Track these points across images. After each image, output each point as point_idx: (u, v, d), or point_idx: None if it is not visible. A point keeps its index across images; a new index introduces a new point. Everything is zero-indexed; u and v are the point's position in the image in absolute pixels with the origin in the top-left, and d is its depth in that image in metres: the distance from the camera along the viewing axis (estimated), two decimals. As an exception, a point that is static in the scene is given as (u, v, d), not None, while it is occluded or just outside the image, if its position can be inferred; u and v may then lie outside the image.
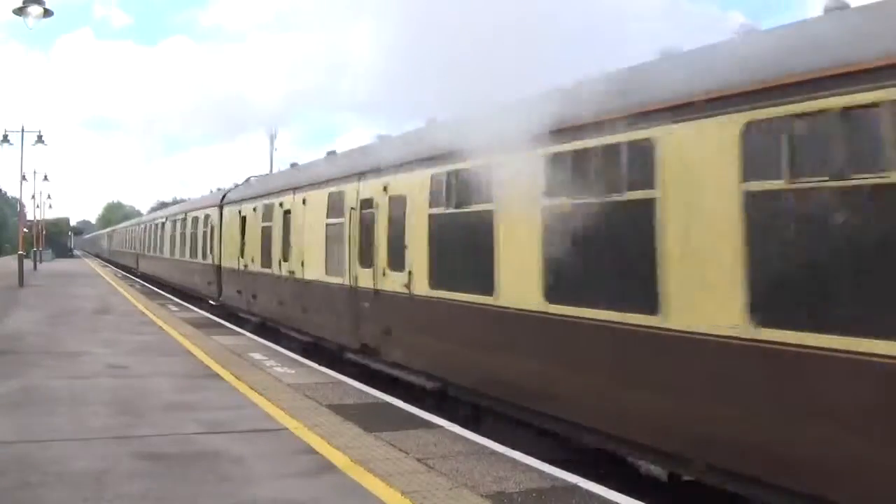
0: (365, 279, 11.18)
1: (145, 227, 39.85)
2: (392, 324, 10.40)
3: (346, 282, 11.85)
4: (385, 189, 10.67)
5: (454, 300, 8.80)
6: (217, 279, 21.31)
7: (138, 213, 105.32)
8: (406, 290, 9.82)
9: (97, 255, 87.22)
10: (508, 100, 7.09)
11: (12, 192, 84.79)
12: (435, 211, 9.33)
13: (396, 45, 7.43)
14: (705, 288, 5.58)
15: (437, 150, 9.06)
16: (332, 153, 15.88)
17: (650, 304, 5.99)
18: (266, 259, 16.47)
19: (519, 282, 7.63)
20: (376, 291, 10.76)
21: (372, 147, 12.60)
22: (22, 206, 45.82)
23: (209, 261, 22.41)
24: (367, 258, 11.23)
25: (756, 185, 5.25)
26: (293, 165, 19.51)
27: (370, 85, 9.10)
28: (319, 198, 13.39)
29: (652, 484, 6.55)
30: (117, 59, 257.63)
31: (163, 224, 32.72)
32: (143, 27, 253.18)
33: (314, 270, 13.54)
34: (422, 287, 9.49)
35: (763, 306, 5.20)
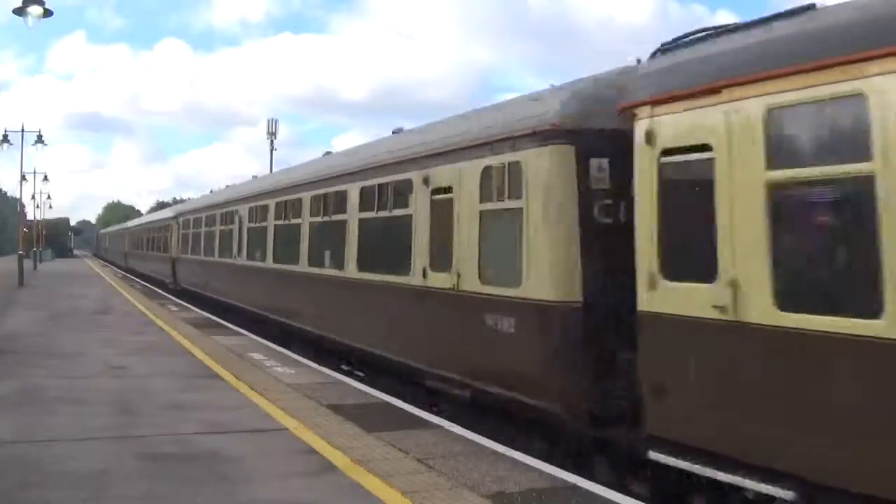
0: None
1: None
2: None
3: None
4: None
5: None
6: None
7: (138, 213, 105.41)
8: None
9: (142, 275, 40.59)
10: None
11: (12, 192, 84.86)
12: None
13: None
14: None
15: None
16: None
17: None
18: None
19: None
20: None
21: None
22: (22, 206, 45.93)
23: None
24: None
25: None
26: None
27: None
28: None
29: (651, 484, 6.55)
30: (112, 60, 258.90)
31: None
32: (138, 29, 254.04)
33: None
34: None
35: None
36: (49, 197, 71.50)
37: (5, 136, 33.91)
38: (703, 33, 6.29)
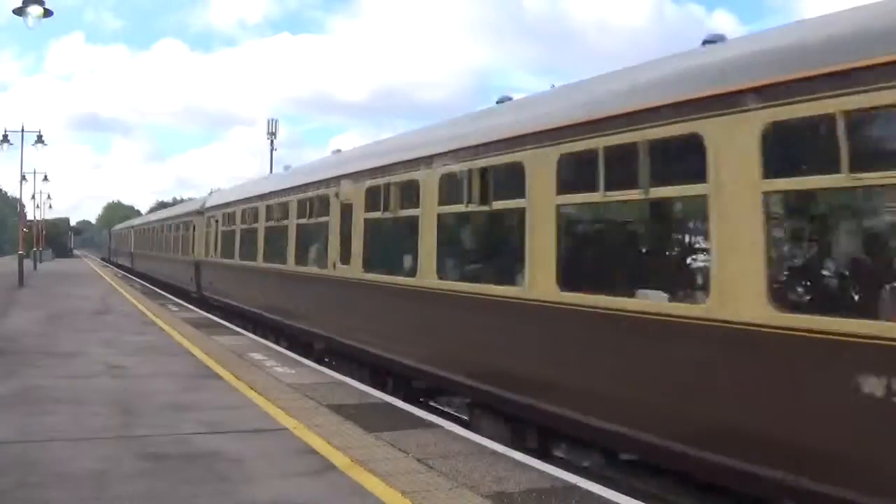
0: None
1: None
2: None
3: None
4: None
5: None
6: None
7: (138, 213, 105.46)
8: None
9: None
10: None
11: (12, 192, 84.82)
12: None
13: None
14: None
15: None
16: None
17: None
18: None
19: None
20: None
21: None
22: (22, 206, 45.89)
23: None
24: None
25: None
26: None
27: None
28: None
29: (651, 484, 6.55)
30: (111, 61, 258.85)
31: None
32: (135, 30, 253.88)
33: None
34: None
35: None
36: (49, 197, 71.65)
37: (5, 136, 33.93)
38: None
